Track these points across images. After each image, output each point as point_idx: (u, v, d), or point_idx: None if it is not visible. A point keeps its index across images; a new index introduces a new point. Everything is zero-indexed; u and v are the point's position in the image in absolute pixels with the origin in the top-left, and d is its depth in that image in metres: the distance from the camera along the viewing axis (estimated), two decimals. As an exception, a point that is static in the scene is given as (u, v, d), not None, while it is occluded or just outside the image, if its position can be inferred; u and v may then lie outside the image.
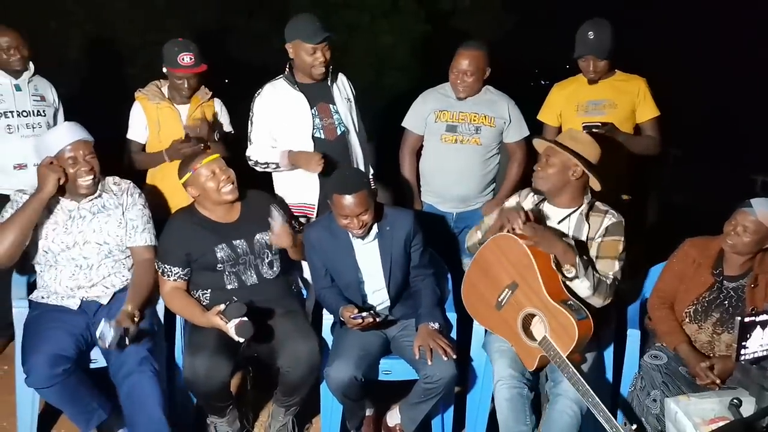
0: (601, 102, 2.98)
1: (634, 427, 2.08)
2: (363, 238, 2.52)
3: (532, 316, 2.37)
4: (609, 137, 2.87)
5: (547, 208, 2.50)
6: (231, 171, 2.58)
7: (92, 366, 2.54)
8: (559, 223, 2.47)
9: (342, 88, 2.99)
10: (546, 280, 2.32)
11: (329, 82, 2.92)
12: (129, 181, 2.68)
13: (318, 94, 2.90)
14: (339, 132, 2.92)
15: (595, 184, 2.41)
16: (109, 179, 2.64)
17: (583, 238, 2.44)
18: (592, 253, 2.44)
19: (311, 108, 2.87)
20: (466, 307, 2.60)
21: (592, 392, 2.13)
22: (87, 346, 2.49)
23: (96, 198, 2.56)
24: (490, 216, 2.61)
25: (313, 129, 2.87)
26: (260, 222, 2.62)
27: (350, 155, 2.96)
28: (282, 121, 2.88)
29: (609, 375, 2.62)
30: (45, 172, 2.42)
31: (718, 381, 2.32)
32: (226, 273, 2.58)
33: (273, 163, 2.86)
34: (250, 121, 2.93)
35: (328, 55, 2.82)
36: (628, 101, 2.97)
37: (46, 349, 2.32)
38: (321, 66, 2.82)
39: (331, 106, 2.91)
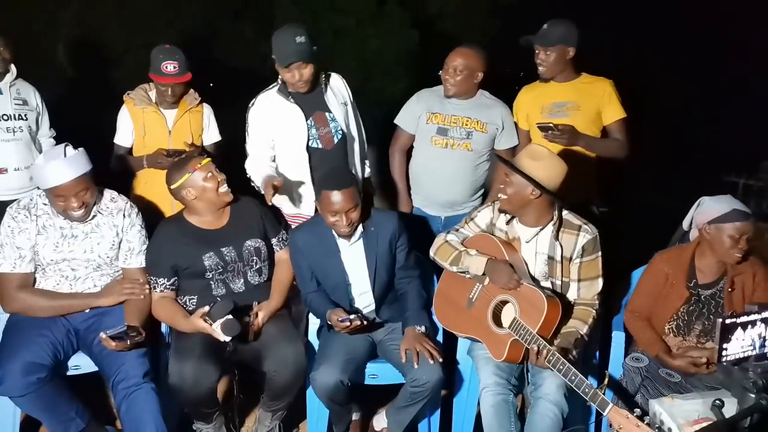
0: (565, 104, 2.94)
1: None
2: (348, 237, 2.52)
3: (503, 305, 2.41)
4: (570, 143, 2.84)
5: (517, 226, 2.48)
6: (222, 174, 2.58)
7: (74, 372, 2.51)
8: (528, 242, 2.45)
9: (338, 92, 2.94)
10: (516, 266, 2.39)
11: (323, 89, 2.87)
12: (125, 199, 2.65)
13: (313, 104, 2.85)
14: (336, 139, 2.88)
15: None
16: (106, 195, 2.60)
17: (558, 258, 2.42)
18: (573, 275, 2.43)
19: (307, 119, 2.82)
20: (437, 318, 2.65)
21: (563, 360, 2.14)
22: (65, 353, 2.46)
23: (89, 219, 2.52)
24: (467, 227, 2.62)
25: (309, 140, 2.83)
26: (249, 228, 2.62)
27: (349, 161, 2.94)
28: (277, 133, 2.84)
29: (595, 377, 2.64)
30: (115, 292, 2.51)
31: (703, 360, 2.35)
32: (214, 281, 2.57)
33: (256, 186, 2.82)
34: (246, 132, 2.88)
35: (306, 72, 2.74)
36: (592, 103, 2.93)
37: (20, 357, 2.29)
38: (299, 84, 2.77)
39: (327, 114, 2.86)
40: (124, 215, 2.58)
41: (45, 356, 2.35)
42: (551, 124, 2.80)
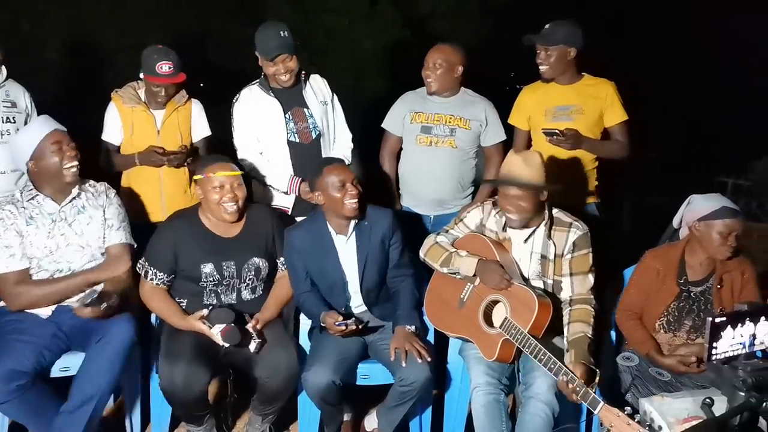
0: (569, 108, 2.95)
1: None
2: (345, 229, 2.54)
3: (494, 305, 2.41)
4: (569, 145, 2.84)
5: (510, 229, 2.48)
6: (243, 190, 2.54)
7: (62, 374, 2.47)
8: (525, 242, 2.46)
9: (318, 91, 3.03)
10: (507, 266, 2.39)
11: (302, 86, 2.97)
12: (104, 183, 2.67)
13: (292, 99, 2.95)
14: (314, 136, 2.97)
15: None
16: (86, 182, 2.61)
17: (551, 257, 2.42)
18: (565, 270, 2.43)
19: (285, 113, 2.92)
20: (428, 318, 2.65)
21: (554, 358, 2.15)
22: (51, 356, 2.43)
23: (75, 198, 2.53)
24: (457, 228, 2.62)
25: (288, 134, 2.93)
26: (258, 245, 2.59)
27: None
28: (258, 126, 2.92)
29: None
30: (110, 265, 2.52)
31: (693, 359, 2.37)
32: (207, 290, 2.54)
33: (279, 190, 2.94)
34: (232, 127, 2.96)
35: (291, 65, 2.87)
36: (595, 106, 2.94)
37: (1, 365, 2.26)
38: (284, 76, 2.87)
39: (305, 110, 2.96)
40: (104, 195, 2.61)
41: (26, 363, 2.31)
42: (556, 130, 2.82)
